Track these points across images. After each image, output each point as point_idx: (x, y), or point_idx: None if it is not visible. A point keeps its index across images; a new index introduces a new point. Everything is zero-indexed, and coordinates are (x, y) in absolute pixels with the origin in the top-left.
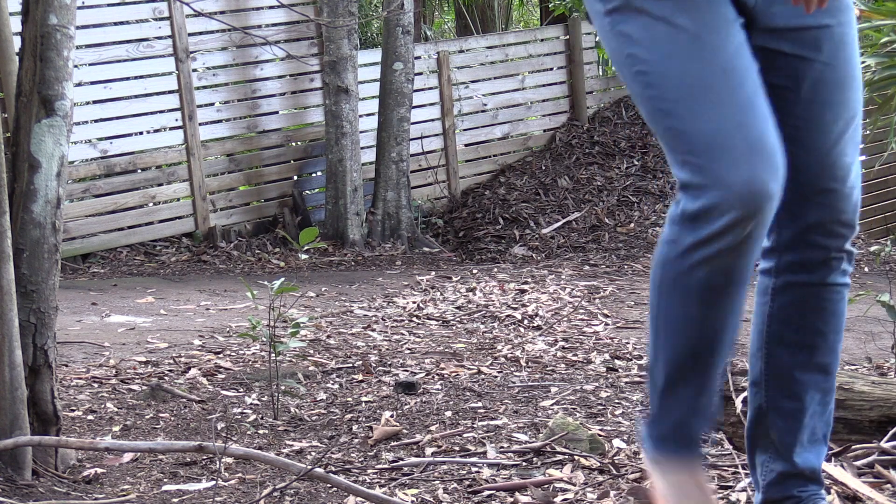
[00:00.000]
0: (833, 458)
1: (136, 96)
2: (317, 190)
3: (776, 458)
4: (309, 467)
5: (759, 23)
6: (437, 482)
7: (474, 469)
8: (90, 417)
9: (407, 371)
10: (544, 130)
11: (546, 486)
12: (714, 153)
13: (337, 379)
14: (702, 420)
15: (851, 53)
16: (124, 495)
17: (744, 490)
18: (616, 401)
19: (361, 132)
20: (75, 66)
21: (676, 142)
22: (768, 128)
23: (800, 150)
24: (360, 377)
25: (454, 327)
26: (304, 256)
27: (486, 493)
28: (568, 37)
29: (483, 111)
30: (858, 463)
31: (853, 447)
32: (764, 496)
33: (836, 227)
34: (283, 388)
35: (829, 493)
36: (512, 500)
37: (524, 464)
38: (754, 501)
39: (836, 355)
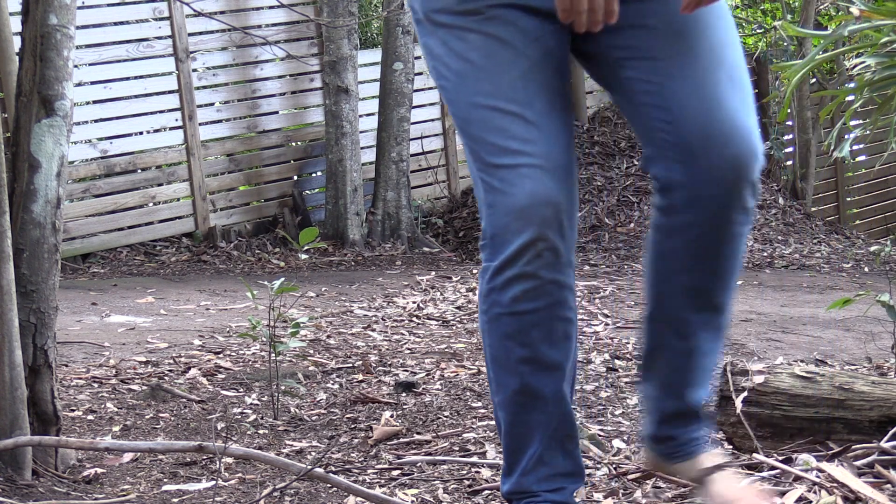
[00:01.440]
0: (833, 458)
1: (136, 96)
2: (317, 190)
3: (667, 397)
4: (309, 467)
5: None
6: (437, 482)
7: (474, 469)
8: (90, 417)
9: (407, 371)
10: None
11: None
12: (500, 175)
13: (337, 379)
14: (553, 477)
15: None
16: (124, 495)
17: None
18: (616, 401)
19: (361, 132)
20: (75, 66)
21: (474, 165)
22: (552, 148)
23: (665, 97)
24: (360, 377)
25: (454, 327)
26: (304, 256)
27: (486, 492)
28: None
29: None
30: (858, 463)
31: (853, 447)
32: (652, 430)
33: (724, 153)
34: (283, 388)
35: (830, 494)
36: None
37: None
38: (642, 434)
39: (729, 293)
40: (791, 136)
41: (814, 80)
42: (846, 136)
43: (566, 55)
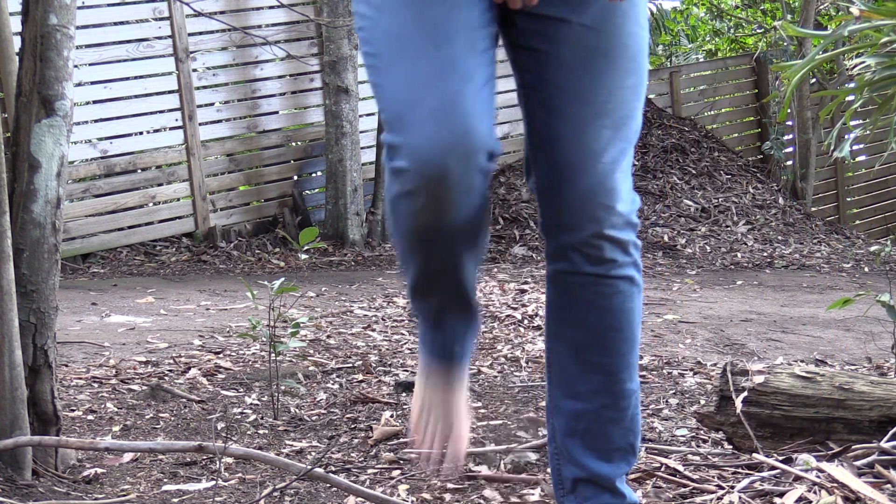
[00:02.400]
0: (833, 458)
1: (136, 96)
2: (317, 190)
3: (568, 463)
4: (309, 467)
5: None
6: (437, 481)
7: (474, 469)
8: (90, 417)
9: (407, 371)
10: None
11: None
12: (403, 114)
13: (337, 379)
14: (453, 339)
15: (626, 21)
16: (124, 495)
17: (744, 490)
18: None
19: (361, 132)
20: (75, 66)
21: (378, 98)
22: (467, 94)
23: (554, 119)
24: (360, 377)
25: None
26: (303, 256)
27: (486, 491)
28: None
29: None
30: (858, 463)
31: (853, 447)
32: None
33: (589, 208)
34: (283, 388)
35: (830, 494)
36: (515, 497)
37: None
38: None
39: (614, 355)
40: (791, 136)
41: (814, 80)
42: (846, 136)
43: (493, 21)
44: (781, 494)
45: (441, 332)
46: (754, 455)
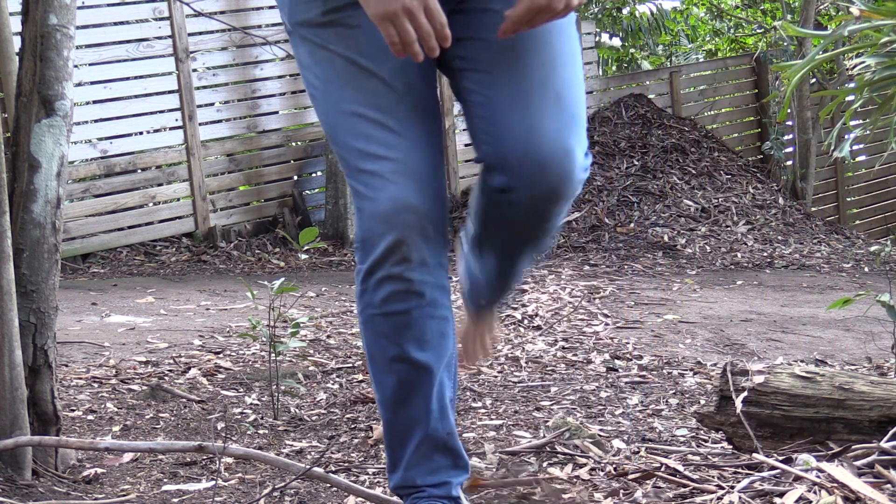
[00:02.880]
0: (833, 458)
1: (136, 96)
2: (317, 190)
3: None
4: (308, 467)
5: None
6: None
7: (474, 469)
8: (90, 417)
9: None
10: None
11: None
12: (365, 181)
13: (337, 379)
14: (435, 471)
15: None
16: (124, 495)
17: (744, 490)
18: (616, 401)
19: None
20: (75, 66)
21: (344, 170)
22: (413, 154)
23: (498, 102)
24: (360, 377)
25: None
26: (303, 256)
27: (486, 490)
28: None
29: None
30: (858, 463)
31: (853, 447)
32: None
33: (542, 182)
34: (283, 388)
35: (830, 494)
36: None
37: (525, 463)
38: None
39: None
40: (791, 136)
41: (814, 80)
42: (846, 136)
43: (429, 62)
44: (781, 494)
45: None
46: (755, 455)
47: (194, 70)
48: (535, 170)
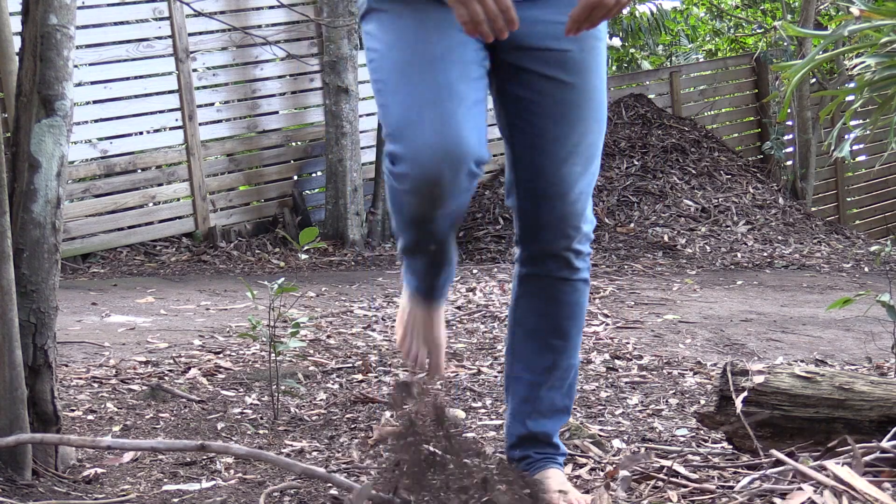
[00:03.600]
0: (837, 459)
1: (136, 96)
2: (317, 190)
3: (516, 421)
4: (309, 466)
5: (507, 41)
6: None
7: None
8: (90, 417)
9: (407, 371)
10: None
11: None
12: (404, 128)
13: (337, 379)
14: (433, 283)
15: (594, 77)
16: (124, 495)
17: (743, 490)
18: (616, 401)
19: (361, 132)
20: (75, 66)
21: (382, 116)
22: (460, 112)
23: (537, 156)
24: (360, 377)
25: (454, 327)
26: (304, 256)
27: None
28: None
29: None
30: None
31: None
32: (507, 454)
33: (563, 229)
34: (283, 388)
35: (836, 495)
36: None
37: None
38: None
39: (567, 338)
40: (791, 136)
41: (814, 80)
42: (846, 136)
43: (484, 60)
44: (783, 495)
45: (425, 279)
46: (772, 452)
47: (194, 70)
48: (558, 219)
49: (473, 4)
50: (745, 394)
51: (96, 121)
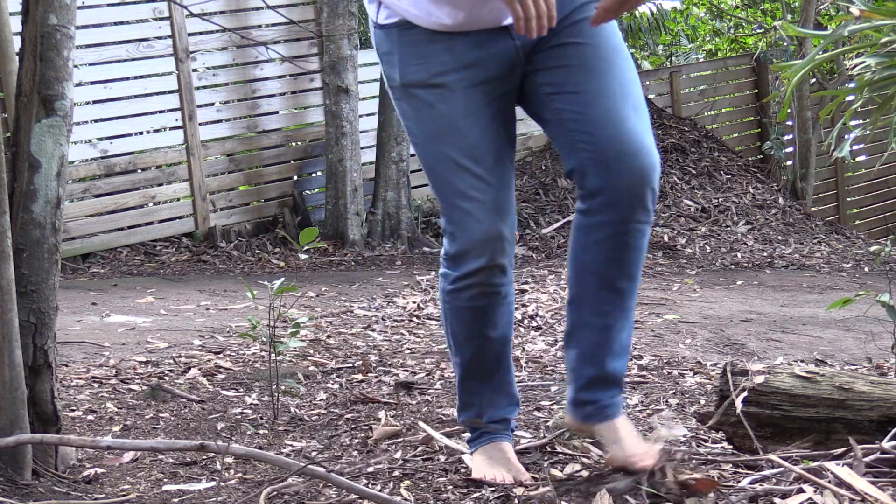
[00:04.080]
0: (838, 459)
1: (136, 96)
2: (317, 190)
3: (587, 365)
4: (309, 466)
5: (527, 57)
6: (438, 480)
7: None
8: (90, 417)
9: (407, 371)
10: None
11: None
12: (461, 214)
13: (337, 379)
14: (497, 410)
15: (612, 37)
16: (124, 495)
17: (743, 490)
18: None
19: (361, 132)
20: (75, 66)
21: (439, 199)
22: (499, 194)
23: (590, 110)
24: (360, 377)
25: None
26: (304, 256)
27: (486, 489)
28: None
29: None
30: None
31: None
32: (575, 396)
33: (633, 173)
34: (283, 388)
35: (836, 497)
36: (517, 493)
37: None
38: (567, 399)
39: (634, 280)
40: (791, 136)
41: (814, 80)
42: (846, 136)
43: (512, 107)
44: (784, 495)
45: (497, 392)
46: (761, 455)
47: (194, 70)
48: (630, 160)
49: (529, 4)
50: (745, 394)
51: (96, 121)
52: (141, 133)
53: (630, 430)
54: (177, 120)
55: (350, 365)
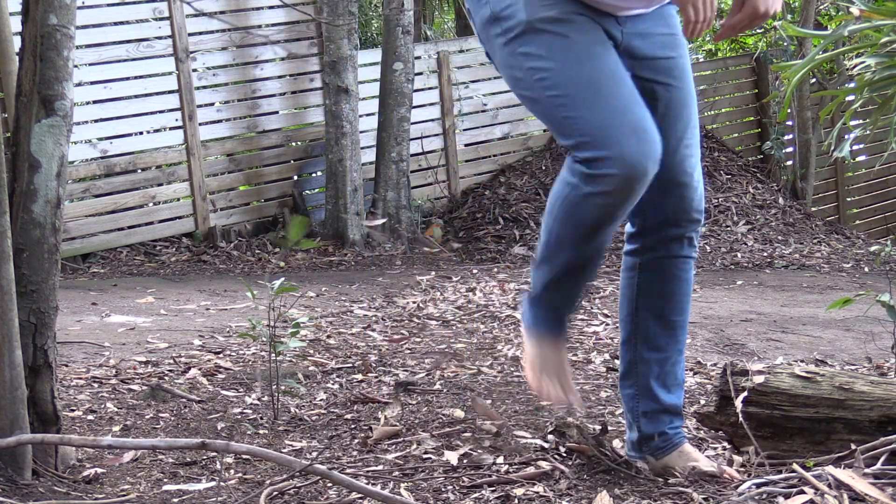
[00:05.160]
0: (839, 462)
1: (136, 96)
2: (317, 190)
3: (646, 399)
4: (310, 464)
5: (624, 51)
6: (438, 480)
7: (475, 468)
8: (90, 417)
9: (407, 371)
10: (544, 130)
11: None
12: (607, 133)
13: (337, 379)
14: (571, 309)
15: (690, 77)
16: (124, 495)
17: (743, 490)
18: (616, 401)
19: (361, 132)
20: (75, 66)
21: (574, 128)
22: (646, 115)
23: (667, 146)
24: (360, 377)
25: (454, 327)
26: (301, 253)
27: (488, 488)
28: None
29: (483, 111)
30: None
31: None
32: (639, 433)
33: (690, 213)
34: (283, 388)
35: (840, 499)
36: (517, 493)
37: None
38: (627, 439)
39: (685, 313)
40: (791, 136)
41: (814, 80)
42: (846, 136)
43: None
44: (787, 496)
45: (564, 306)
46: (761, 456)
47: (194, 70)
48: (689, 208)
49: (699, 6)
50: (745, 394)
51: (96, 121)
52: (141, 133)
53: (700, 453)
54: (177, 120)
55: (350, 365)
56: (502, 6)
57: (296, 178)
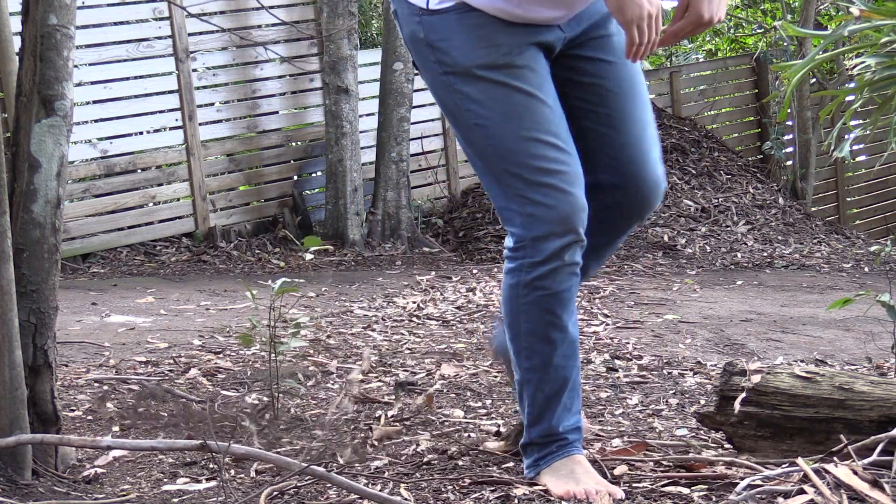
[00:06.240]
0: (831, 456)
1: (136, 96)
2: (317, 190)
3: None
4: (310, 465)
5: (567, 48)
6: (438, 480)
7: (475, 467)
8: (90, 417)
9: (407, 371)
10: None
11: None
12: (545, 191)
13: (337, 379)
14: (573, 414)
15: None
16: (124, 495)
17: (744, 489)
18: (616, 401)
19: (361, 132)
20: (75, 66)
21: (513, 181)
22: (577, 164)
23: (619, 133)
24: (360, 377)
25: (454, 327)
26: (309, 257)
27: (488, 488)
28: None
29: None
30: (861, 463)
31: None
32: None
33: (656, 195)
34: (283, 388)
35: (840, 499)
36: (517, 493)
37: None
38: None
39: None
40: (791, 136)
41: (814, 80)
42: (846, 136)
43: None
44: (787, 496)
45: (564, 392)
46: (761, 456)
47: (194, 70)
48: (647, 191)
49: (644, 28)
50: (745, 394)
51: (96, 121)
52: (141, 133)
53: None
54: (177, 120)
55: (350, 365)
56: (437, 37)
57: (296, 178)
